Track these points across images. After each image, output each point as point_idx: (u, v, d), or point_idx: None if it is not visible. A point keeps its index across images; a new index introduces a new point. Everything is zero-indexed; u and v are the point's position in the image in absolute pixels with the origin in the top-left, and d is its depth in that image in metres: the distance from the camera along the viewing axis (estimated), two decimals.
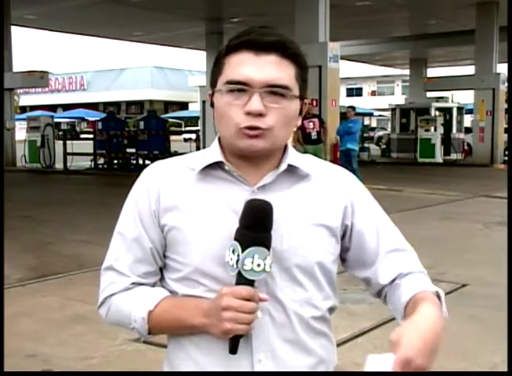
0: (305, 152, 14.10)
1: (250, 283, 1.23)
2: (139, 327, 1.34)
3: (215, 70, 1.35)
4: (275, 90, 1.29)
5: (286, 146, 1.39)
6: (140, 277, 1.38)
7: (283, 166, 1.35)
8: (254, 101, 1.27)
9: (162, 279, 1.41)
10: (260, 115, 1.27)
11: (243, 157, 1.34)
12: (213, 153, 1.37)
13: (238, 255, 1.22)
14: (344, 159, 14.00)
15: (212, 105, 1.36)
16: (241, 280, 1.23)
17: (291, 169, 1.36)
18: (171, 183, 1.36)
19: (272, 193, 1.33)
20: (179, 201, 1.34)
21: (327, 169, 1.44)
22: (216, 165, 1.35)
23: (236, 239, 1.23)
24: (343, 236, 1.41)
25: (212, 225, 1.32)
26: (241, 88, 1.28)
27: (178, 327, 1.33)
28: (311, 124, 13.68)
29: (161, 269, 1.41)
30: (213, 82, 1.36)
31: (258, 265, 1.21)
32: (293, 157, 1.38)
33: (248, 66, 1.28)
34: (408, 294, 1.33)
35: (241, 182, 1.34)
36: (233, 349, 1.26)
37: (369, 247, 1.41)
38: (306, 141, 13.58)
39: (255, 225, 1.23)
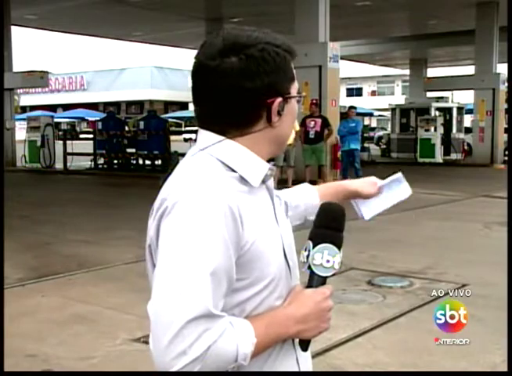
0: (304, 150, 14.17)
1: (324, 281, 1.29)
2: (246, 362, 1.19)
3: (285, 74, 1.30)
4: None
5: None
6: None
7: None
8: None
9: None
10: None
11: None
12: (255, 160, 1.30)
13: (309, 251, 1.28)
14: (347, 159, 13.95)
15: (279, 112, 1.28)
16: (314, 278, 1.28)
17: None
18: (239, 198, 1.24)
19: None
20: (250, 214, 1.25)
21: None
22: None
23: (309, 238, 1.31)
24: None
25: (271, 231, 1.29)
26: None
27: (273, 344, 1.26)
28: (312, 123, 13.67)
29: None
30: (279, 87, 1.29)
31: (327, 261, 1.27)
32: None
33: None
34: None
35: (263, 182, 1.33)
36: (307, 347, 1.31)
37: None
38: (305, 140, 13.59)
39: (329, 225, 1.30)
